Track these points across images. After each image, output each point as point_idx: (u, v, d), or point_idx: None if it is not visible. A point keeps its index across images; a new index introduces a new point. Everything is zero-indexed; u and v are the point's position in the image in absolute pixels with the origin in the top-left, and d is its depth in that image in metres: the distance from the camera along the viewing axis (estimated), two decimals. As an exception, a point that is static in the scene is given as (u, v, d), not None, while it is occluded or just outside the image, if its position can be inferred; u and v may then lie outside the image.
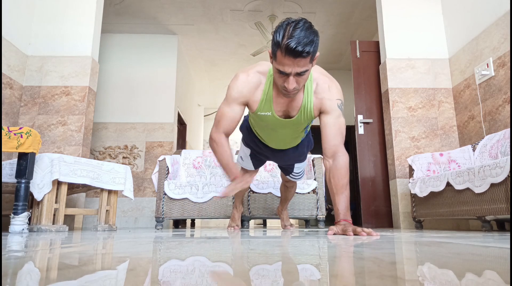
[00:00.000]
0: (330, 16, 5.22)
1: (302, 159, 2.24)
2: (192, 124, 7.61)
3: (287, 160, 2.21)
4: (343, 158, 1.65)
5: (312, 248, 0.96)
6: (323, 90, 1.63)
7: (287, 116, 1.73)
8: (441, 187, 2.49)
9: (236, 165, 1.84)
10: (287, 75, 1.46)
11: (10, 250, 0.94)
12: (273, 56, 1.47)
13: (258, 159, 2.28)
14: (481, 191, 2.12)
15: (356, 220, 6.01)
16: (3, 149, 2.09)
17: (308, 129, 2.01)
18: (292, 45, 1.36)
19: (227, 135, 1.80)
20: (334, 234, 1.55)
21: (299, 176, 2.41)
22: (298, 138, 1.98)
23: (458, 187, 2.31)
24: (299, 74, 1.45)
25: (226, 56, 6.52)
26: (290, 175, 2.39)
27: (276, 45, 1.42)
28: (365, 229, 1.48)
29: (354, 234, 1.47)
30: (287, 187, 2.61)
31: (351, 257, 0.75)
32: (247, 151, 2.25)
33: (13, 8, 3.32)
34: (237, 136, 11.67)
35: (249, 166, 2.33)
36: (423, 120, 3.50)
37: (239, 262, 0.70)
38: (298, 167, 2.32)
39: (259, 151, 2.17)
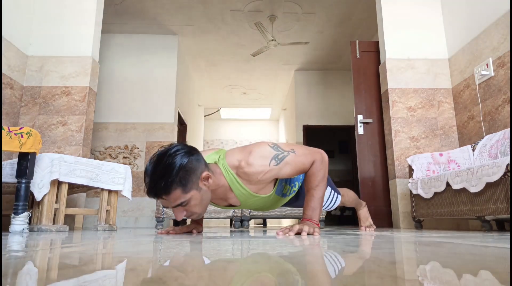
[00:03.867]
0: (330, 16, 5.22)
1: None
2: (192, 124, 7.61)
3: (295, 207, 2.09)
4: (314, 165, 1.59)
5: (312, 248, 0.96)
6: (249, 177, 1.53)
7: (233, 205, 1.69)
8: (442, 187, 2.49)
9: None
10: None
11: (10, 250, 0.94)
12: None
13: None
14: (476, 191, 2.12)
15: (356, 220, 6.01)
16: (5, 149, 2.09)
17: (292, 191, 1.85)
18: (148, 191, 1.34)
19: None
20: (285, 234, 1.50)
21: (329, 206, 2.24)
22: (278, 203, 1.84)
23: (455, 186, 2.32)
24: (181, 205, 1.39)
25: (226, 56, 6.53)
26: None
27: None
28: (310, 230, 1.46)
29: (296, 233, 1.47)
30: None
31: (351, 257, 0.75)
32: None
33: (13, 8, 3.32)
34: (237, 135, 11.54)
35: None
36: (422, 120, 3.50)
37: (239, 262, 0.70)
38: None
39: None
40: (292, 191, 1.85)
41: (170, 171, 1.31)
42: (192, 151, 1.41)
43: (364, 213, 2.52)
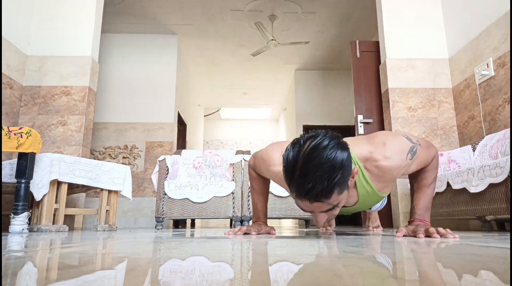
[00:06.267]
0: (330, 16, 5.22)
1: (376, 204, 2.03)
2: (192, 124, 7.61)
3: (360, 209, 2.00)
4: (434, 159, 1.43)
5: (312, 248, 0.96)
6: (383, 172, 1.31)
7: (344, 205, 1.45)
8: (442, 188, 2.49)
9: (264, 211, 1.73)
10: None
11: (10, 250, 0.94)
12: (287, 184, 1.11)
13: None
14: (477, 191, 2.12)
15: (356, 220, 6.01)
16: (3, 149, 2.09)
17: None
18: (303, 194, 1.04)
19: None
20: (404, 236, 1.35)
21: (376, 208, 2.23)
22: (368, 207, 1.69)
23: (455, 186, 2.32)
24: (331, 209, 1.12)
25: (226, 56, 6.52)
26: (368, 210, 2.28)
27: (285, 177, 1.08)
28: (440, 230, 1.24)
29: (426, 236, 1.26)
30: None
31: (351, 257, 0.75)
32: None
33: (13, 8, 3.32)
34: (237, 135, 11.51)
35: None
36: (423, 120, 3.50)
37: (239, 262, 0.70)
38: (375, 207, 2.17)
39: None
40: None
41: (331, 171, 1.02)
42: (343, 142, 1.08)
43: (374, 214, 2.59)
